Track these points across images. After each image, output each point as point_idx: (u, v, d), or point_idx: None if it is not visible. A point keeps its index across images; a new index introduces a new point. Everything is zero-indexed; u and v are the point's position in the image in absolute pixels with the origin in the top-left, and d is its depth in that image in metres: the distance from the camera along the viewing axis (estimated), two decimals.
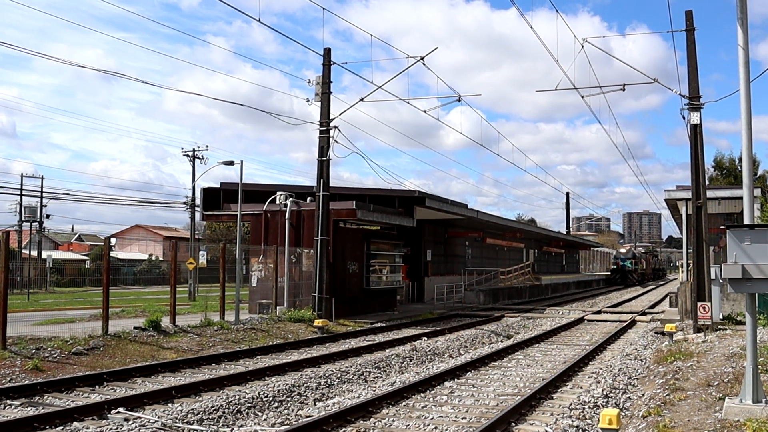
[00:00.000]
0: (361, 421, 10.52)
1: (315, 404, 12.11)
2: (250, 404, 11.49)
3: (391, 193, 30.07)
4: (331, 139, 24.83)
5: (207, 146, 57.68)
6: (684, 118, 20.71)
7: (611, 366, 15.62)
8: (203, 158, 48.94)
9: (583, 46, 20.36)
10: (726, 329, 18.96)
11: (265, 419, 10.97)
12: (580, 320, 28.19)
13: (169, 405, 11.29)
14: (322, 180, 24.85)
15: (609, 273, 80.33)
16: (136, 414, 10.49)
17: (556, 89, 22.11)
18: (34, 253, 65.04)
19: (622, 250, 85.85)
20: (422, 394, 12.53)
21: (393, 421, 10.57)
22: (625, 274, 75.54)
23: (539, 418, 10.74)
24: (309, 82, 25.20)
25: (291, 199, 27.73)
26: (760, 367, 9.71)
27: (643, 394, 11.85)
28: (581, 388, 13.19)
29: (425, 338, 20.96)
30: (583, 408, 11.17)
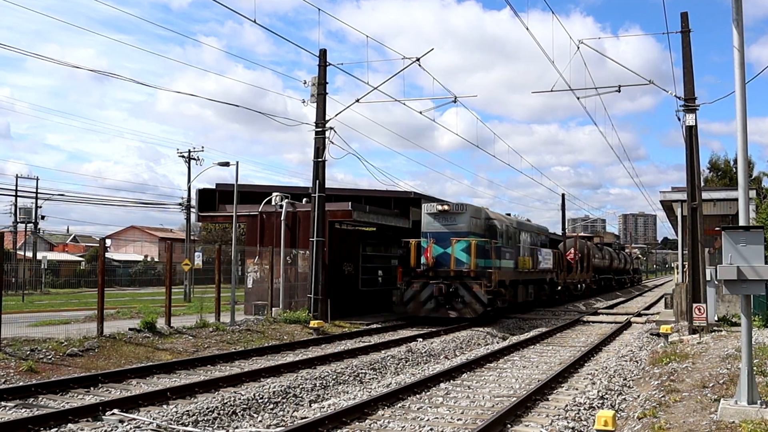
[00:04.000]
0: (357, 423, 10.51)
1: (311, 405, 12.10)
2: (245, 405, 11.47)
3: (387, 195, 30.06)
4: (326, 140, 24.80)
5: (203, 147, 57.53)
6: (679, 119, 20.75)
7: (607, 367, 15.60)
8: (199, 159, 48.88)
9: (578, 48, 20.39)
10: (721, 330, 18.99)
11: (260, 420, 10.94)
12: (576, 321, 28.20)
13: (164, 406, 11.27)
14: (317, 181, 24.81)
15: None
16: (131, 415, 10.46)
17: (552, 90, 22.13)
18: (29, 254, 64.92)
19: (439, 207, 25.85)
20: (418, 396, 12.52)
21: (389, 422, 10.56)
22: (450, 291, 24.98)
23: (535, 420, 10.73)
24: (305, 83, 25.16)
25: (287, 200, 27.69)
26: (755, 368, 9.72)
27: (639, 396, 11.86)
28: (577, 389, 13.19)
29: (421, 339, 20.95)
30: (579, 409, 11.16)
